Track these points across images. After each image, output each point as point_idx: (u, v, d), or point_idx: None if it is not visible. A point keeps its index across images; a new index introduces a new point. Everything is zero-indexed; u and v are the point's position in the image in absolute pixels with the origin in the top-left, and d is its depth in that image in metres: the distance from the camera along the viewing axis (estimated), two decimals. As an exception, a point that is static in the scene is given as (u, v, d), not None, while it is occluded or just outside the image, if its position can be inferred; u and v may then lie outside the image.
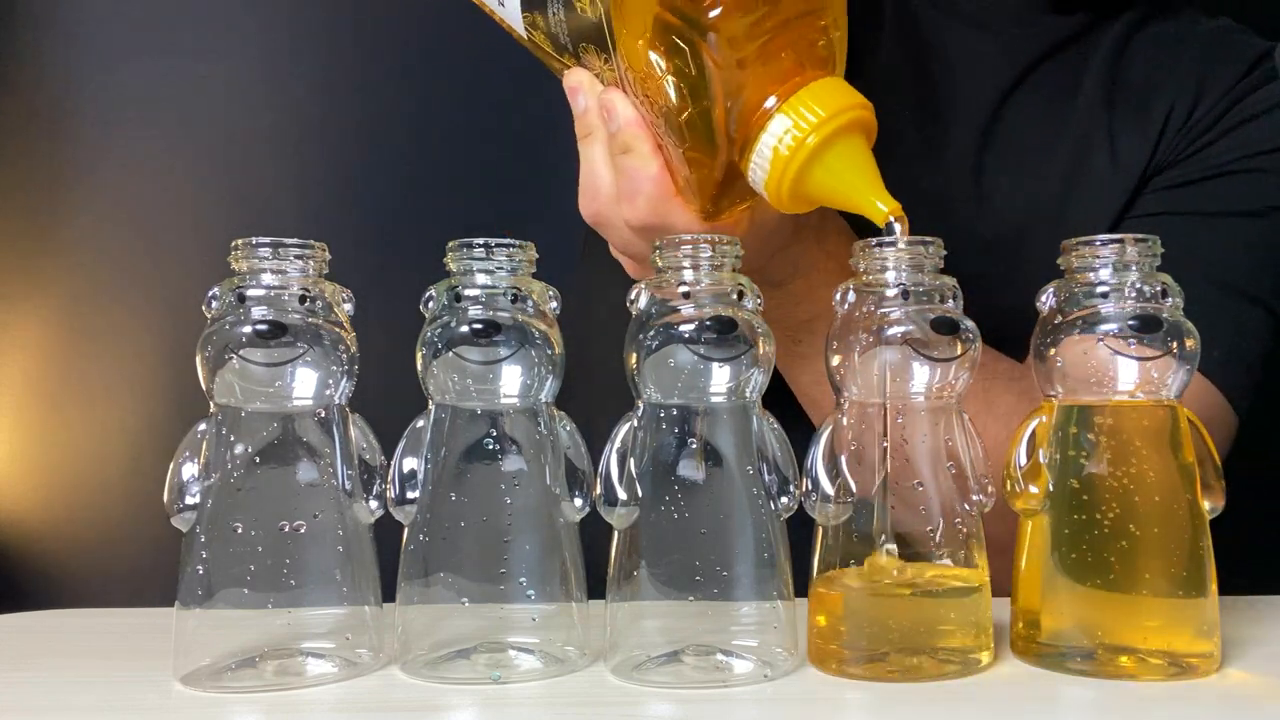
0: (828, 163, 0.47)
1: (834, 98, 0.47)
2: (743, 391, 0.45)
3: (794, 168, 0.46)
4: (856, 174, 0.47)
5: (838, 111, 0.46)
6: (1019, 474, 0.47)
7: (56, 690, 0.46)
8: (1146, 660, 0.44)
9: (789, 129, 0.46)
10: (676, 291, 0.45)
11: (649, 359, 0.44)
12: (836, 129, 0.46)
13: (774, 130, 0.46)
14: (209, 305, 0.46)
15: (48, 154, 1.16)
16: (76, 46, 1.16)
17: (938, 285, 0.45)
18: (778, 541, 0.45)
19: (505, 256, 0.46)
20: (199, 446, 0.46)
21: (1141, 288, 0.45)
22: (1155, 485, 0.45)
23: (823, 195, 0.48)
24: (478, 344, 0.45)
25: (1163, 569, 0.45)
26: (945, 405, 0.45)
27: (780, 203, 0.48)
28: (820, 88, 0.47)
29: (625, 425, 0.46)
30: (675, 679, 0.44)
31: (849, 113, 0.47)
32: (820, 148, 0.46)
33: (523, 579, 0.45)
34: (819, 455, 0.46)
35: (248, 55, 1.16)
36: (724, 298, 0.45)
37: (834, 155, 0.47)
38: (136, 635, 0.54)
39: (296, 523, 0.45)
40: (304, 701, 0.43)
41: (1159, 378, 0.45)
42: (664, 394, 0.45)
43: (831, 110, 0.46)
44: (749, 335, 0.44)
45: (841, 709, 0.43)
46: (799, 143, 0.46)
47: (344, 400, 0.47)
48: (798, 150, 0.46)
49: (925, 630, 0.45)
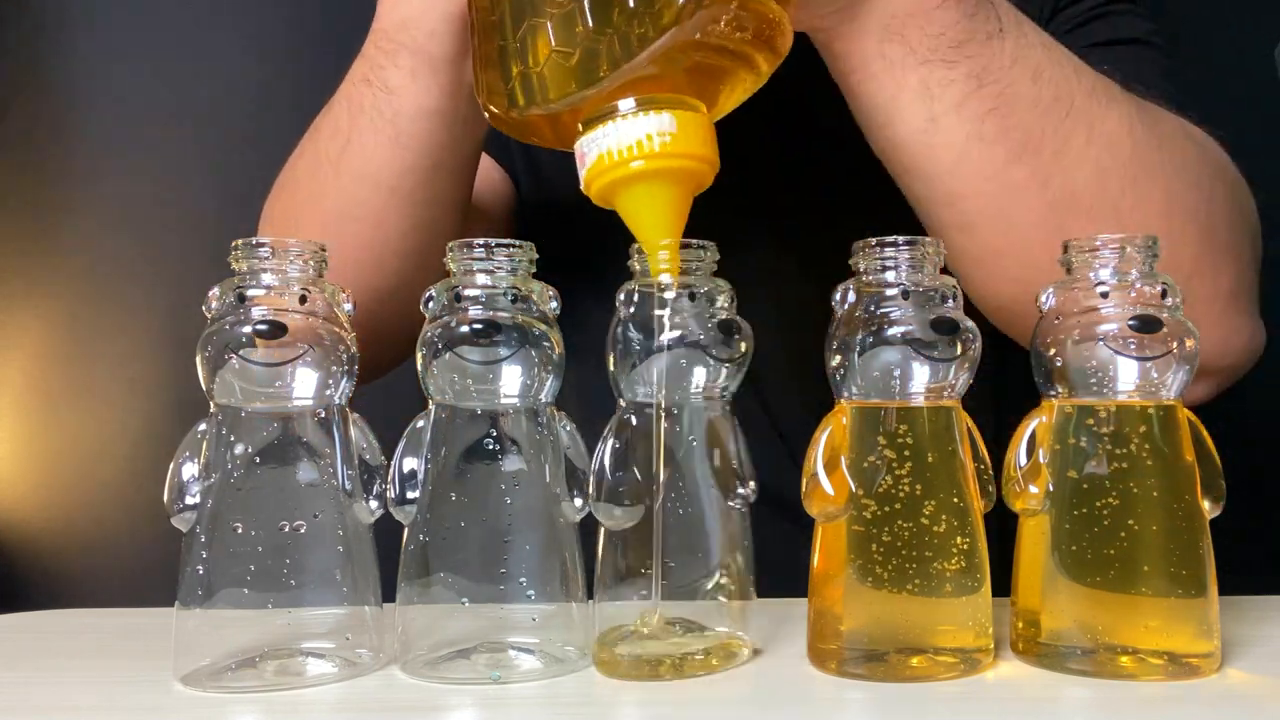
0: (639, 193, 0.45)
1: (691, 140, 0.44)
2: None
3: (608, 178, 0.45)
4: (658, 220, 0.45)
5: (681, 154, 0.44)
6: (1019, 474, 0.47)
7: (56, 690, 0.46)
8: (1146, 660, 0.44)
9: (635, 141, 0.44)
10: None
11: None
12: (666, 169, 0.44)
13: (621, 130, 0.44)
14: (209, 305, 0.46)
15: (48, 154, 1.16)
16: (77, 46, 1.16)
17: (938, 285, 0.45)
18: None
19: (505, 257, 0.46)
20: (199, 446, 0.46)
21: (1142, 288, 0.45)
22: (1155, 485, 0.45)
23: (623, 214, 0.46)
24: (478, 344, 0.45)
25: (1163, 569, 0.44)
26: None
27: (586, 189, 0.46)
28: (690, 121, 0.44)
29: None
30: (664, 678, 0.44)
31: (688, 161, 0.44)
32: (642, 176, 0.44)
33: (523, 579, 0.45)
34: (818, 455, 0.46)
35: (248, 55, 1.16)
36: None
37: (649, 191, 0.45)
38: (136, 635, 0.54)
39: (296, 523, 0.45)
40: (304, 701, 0.43)
41: (1159, 378, 0.45)
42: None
43: (678, 150, 0.44)
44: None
45: (841, 709, 0.43)
46: (623, 160, 0.44)
47: (344, 400, 0.47)
48: (618, 166, 0.44)
49: (925, 630, 0.45)
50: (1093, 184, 0.54)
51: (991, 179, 0.54)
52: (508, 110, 0.48)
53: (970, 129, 0.53)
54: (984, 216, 0.55)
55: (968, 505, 0.45)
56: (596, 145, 0.44)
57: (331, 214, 0.62)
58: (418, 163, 0.60)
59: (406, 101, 0.58)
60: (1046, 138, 0.53)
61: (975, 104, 0.52)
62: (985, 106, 0.53)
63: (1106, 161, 0.54)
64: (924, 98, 0.53)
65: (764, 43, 0.45)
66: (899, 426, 0.45)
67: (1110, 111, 0.55)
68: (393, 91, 0.58)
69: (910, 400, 0.45)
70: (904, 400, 0.45)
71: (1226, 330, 0.58)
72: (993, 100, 0.53)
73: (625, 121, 0.44)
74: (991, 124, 0.53)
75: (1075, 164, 0.54)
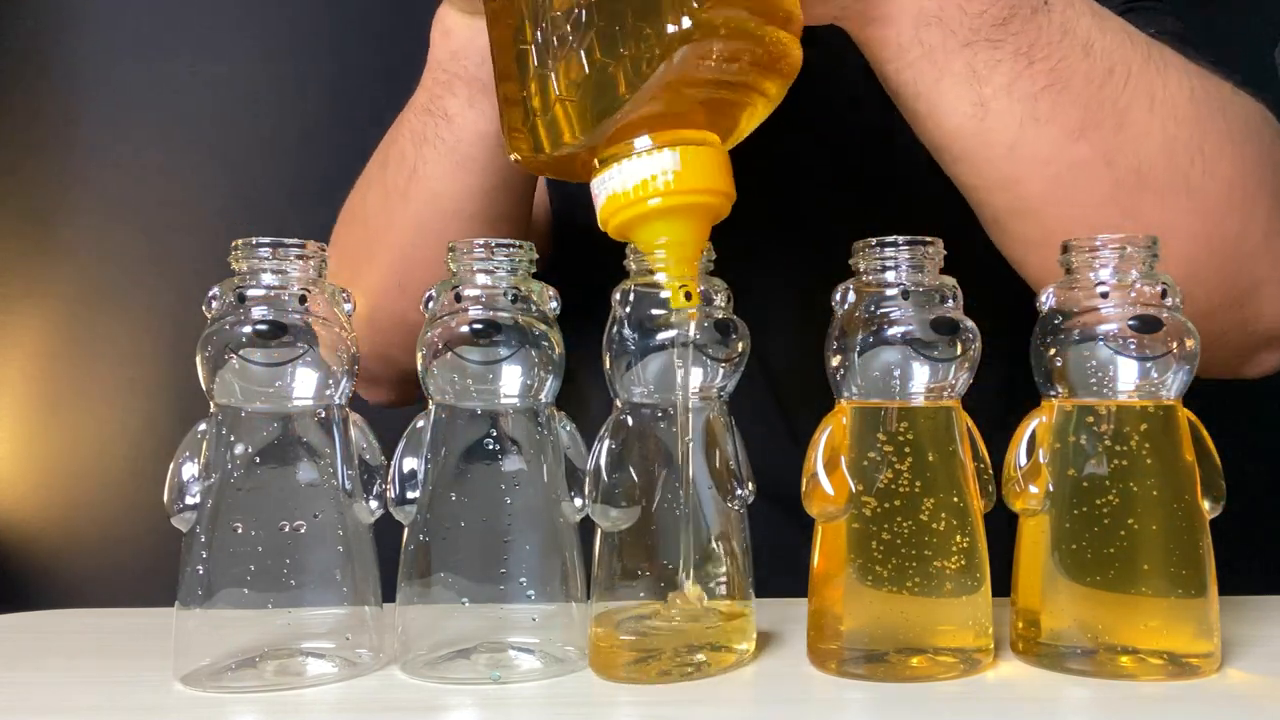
0: (651, 230, 0.45)
1: (698, 175, 0.44)
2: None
3: (619, 219, 0.45)
4: (672, 254, 0.45)
5: (687, 191, 0.44)
6: (1019, 474, 0.47)
7: (56, 690, 0.46)
8: (1146, 660, 0.44)
9: (641, 181, 0.44)
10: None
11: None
12: (671, 207, 0.44)
13: (625, 171, 0.44)
14: (209, 305, 0.46)
15: (48, 154, 1.16)
16: (77, 46, 1.16)
17: (938, 285, 0.45)
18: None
19: (505, 257, 0.46)
20: (199, 446, 0.46)
21: (1142, 288, 0.45)
22: (1155, 485, 0.45)
23: (641, 249, 0.46)
24: (478, 344, 0.45)
25: (1163, 569, 0.44)
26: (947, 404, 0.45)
27: (604, 228, 0.47)
28: (696, 156, 0.44)
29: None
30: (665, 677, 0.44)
31: (704, 196, 0.45)
32: (651, 216, 0.45)
33: (523, 579, 0.45)
34: (818, 455, 0.46)
35: (248, 55, 1.16)
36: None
37: (660, 228, 0.45)
38: (136, 635, 0.54)
39: (296, 523, 0.45)
40: (304, 701, 0.43)
41: (1159, 378, 0.45)
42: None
43: (684, 187, 0.44)
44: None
45: (841, 709, 0.43)
46: (631, 201, 0.44)
47: (344, 400, 0.47)
48: (627, 207, 0.45)
49: (925, 630, 0.45)
50: (1159, 156, 0.52)
51: (1051, 161, 0.51)
52: (529, 153, 0.49)
53: (1024, 110, 0.50)
54: (1046, 201, 0.52)
55: (967, 505, 0.45)
56: (606, 187, 0.45)
57: (404, 242, 0.64)
58: (481, 184, 0.61)
59: (466, 128, 0.60)
60: (1106, 112, 0.51)
61: (1026, 83, 0.50)
62: (1038, 85, 0.50)
63: (1172, 130, 0.52)
64: (970, 82, 0.50)
65: (765, 69, 0.45)
66: (899, 426, 0.45)
67: (1169, 78, 0.52)
68: (452, 119, 0.60)
69: (910, 400, 0.45)
70: (904, 400, 0.45)
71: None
72: (1045, 78, 0.50)
73: (630, 162, 0.44)
74: (1046, 102, 0.50)
75: (1140, 136, 0.51)
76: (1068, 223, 0.52)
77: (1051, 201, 0.52)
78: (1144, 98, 0.51)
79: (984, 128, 0.51)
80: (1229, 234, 0.53)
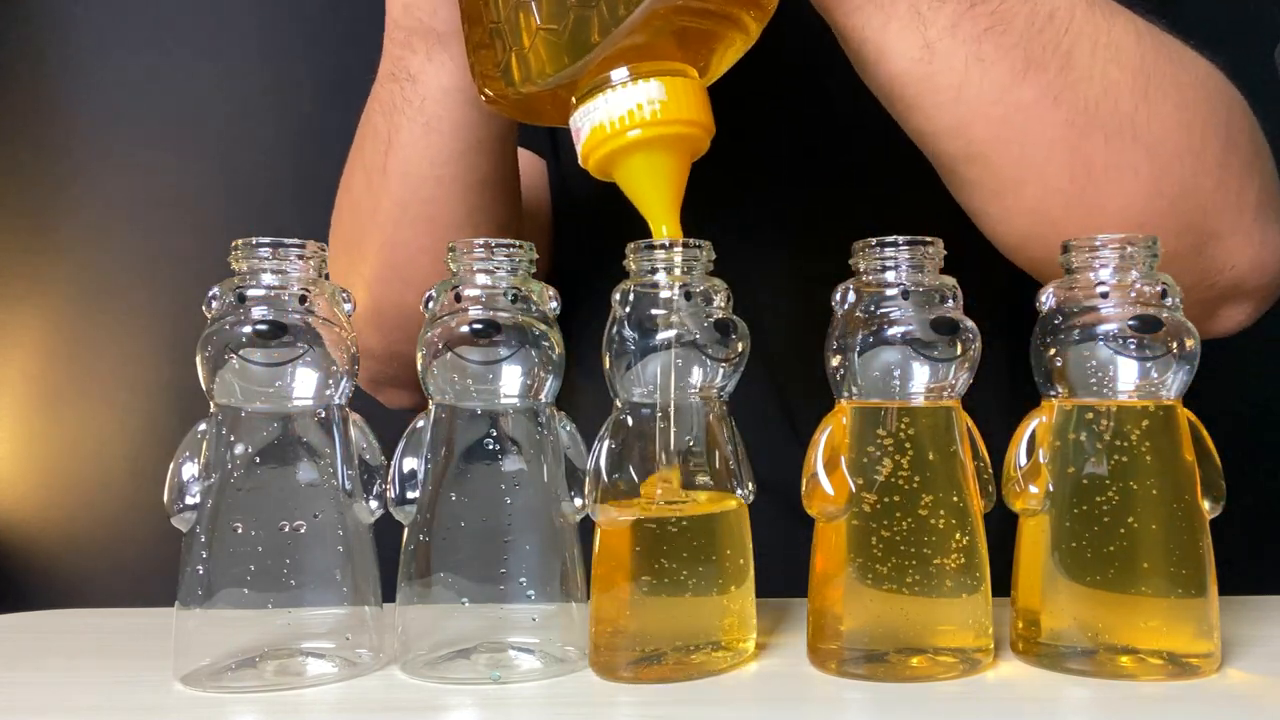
0: (636, 163, 0.45)
1: (683, 106, 0.45)
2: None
3: (603, 151, 0.45)
4: (657, 188, 0.45)
5: (673, 121, 0.44)
6: (1019, 474, 0.47)
7: (56, 690, 0.46)
8: (1146, 660, 0.44)
9: (627, 111, 0.44)
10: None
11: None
12: (659, 137, 0.44)
13: (611, 102, 0.44)
14: (209, 305, 0.46)
15: (48, 153, 1.16)
16: (76, 45, 1.16)
17: (938, 285, 0.45)
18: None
19: (505, 257, 0.46)
20: (199, 446, 0.46)
21: (1142, 288, 0.45)
22: (1155, 485, 0.45)
23: (623, 185, 0.46)
24: (478, 344, 0.45)
25: (1163, 569, 0.44)
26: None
27: (584, 163, 0.47)
28: (680, 87, 0.45)
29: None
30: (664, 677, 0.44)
31: (688, 128, 0.45)
32: (637, 146, 0.45)
33: (523, 579, 0.45)
34: (818, 455, 0.46)
35: (248, 55, 1.16)
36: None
37: (646, 160, 0.45)
38: (136, 635, 0.54)
39: (296, 523, 0.45)
40: (304, 701, 0.43)
41: (1159, 377, 0.45)
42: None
43: (670, 117, 0.44)
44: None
45: (841, 709, 0.43)
46: (616, 131, 0.44)
47: (344, 400, 0.47)
48: (612, 138, 0.44)
49: (925, 630, 0.45)
50: (1104, 99, 0.52)
51: (997, 102, 0.52)
52: (504, 91, 0.48)
53: (968, 51, 0.51)
54: (995, 144, 0.53)
55: (967, 505, 0.45)
56: (589, 119, 0.45)
57: (390, 221, 0.63)
58: (452, 145, 0.60)
59: (430, 84, 0.59)
60: (1049, 54, 0.51)
61: (969, 24, 0.51)
62: (980, 26, 0.51)
63: (1114, 75, 0.52)
64: (915, 24, 0.51)
65: (748, 1, 0.45)
66: (899, 426, 0.45)
67: (1114, 23, 0.53)
68: (415, 78, 0.59)
69: (910, 400, 0.45)
70: (904, 400, 0.45)
71: (1258, 243, 0.56)
72: (987, 19, 0.51)
73: (615, 93, 0.44)
74: (989, 44, 0.51)
75: (1083, 79, 0.52)
76: (1018, 165, 0.53)
77: (1000, 143, 0.53)
78: (1087, 41, 0.52)
79: (931, 70, 0.52)
80: (1179, 177, 0.53)
